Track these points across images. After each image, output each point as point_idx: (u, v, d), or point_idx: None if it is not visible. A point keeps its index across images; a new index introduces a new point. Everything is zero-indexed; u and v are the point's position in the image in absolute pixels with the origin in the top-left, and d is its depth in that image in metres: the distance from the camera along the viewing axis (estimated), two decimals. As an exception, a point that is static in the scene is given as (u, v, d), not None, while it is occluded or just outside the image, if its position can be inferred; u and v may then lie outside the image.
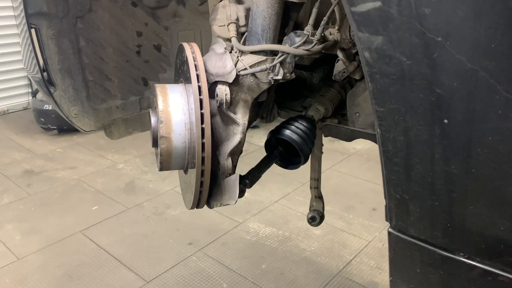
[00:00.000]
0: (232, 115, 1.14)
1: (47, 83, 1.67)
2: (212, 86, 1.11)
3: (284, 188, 3.68)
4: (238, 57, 1.13)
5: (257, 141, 4.60)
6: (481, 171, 0.70)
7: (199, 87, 1.06)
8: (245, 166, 1.35)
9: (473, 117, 0.68)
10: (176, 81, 1.26)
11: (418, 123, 0.74)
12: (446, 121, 0.70)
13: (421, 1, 0.67)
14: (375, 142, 0.92)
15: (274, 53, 1.13)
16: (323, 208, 1.74)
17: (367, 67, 0.76)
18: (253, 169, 1.28)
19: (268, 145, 1.33)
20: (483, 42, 0.64)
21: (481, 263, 0.76)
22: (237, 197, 1.15)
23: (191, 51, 1.12)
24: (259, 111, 1.43)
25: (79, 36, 1.70)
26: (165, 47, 1.95)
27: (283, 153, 1.31)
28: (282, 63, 1.11)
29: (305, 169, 1.56)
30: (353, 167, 4.09)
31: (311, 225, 1.74)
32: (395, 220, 0.85)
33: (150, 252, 2.91)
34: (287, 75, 1.13)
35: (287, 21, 1.28)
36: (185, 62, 1.12)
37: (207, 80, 1.08)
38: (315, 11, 1.06)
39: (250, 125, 1.23)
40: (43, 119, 4.88)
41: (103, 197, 3.64)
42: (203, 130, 1.06)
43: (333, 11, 1.05)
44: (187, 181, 1.21)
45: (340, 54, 1.16)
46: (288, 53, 1.09)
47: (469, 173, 0.71)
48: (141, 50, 1.89)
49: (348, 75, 1.20)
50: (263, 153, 1.34)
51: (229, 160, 1.16)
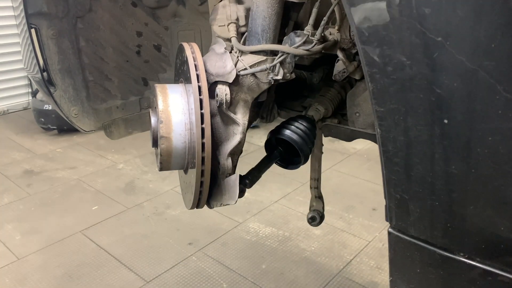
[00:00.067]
0: (232, 115, 1.14)
1: (47, 83, 1.67)
2: (212, 86, 1.11)
3: (284, 188, 3.68)
4: (238, 57, 1.13)
5: (257, 141, 4.60)
6: (481, 171, 0.70)
7: (199, 87, 1.06)
8: (245, 166, 1.35)
9: (473, 117, 0.68)
10: (176, 81, 1.26)
11: (418, 123, 0.74)
12: (446, 121, 0.70)
13: (421, 1, 0.67)
14: (375, 142, 0.92)
15: (274, 53, 1.13)
16: (323, 208, 1.74)
17: (367, 67, 0.76)
18: (253, 169, 1.28)
19: (268, 145, 1.33)
20: (483, 42, 0.64)
21: (481, 263, 0.76)
22: (237, 197, 1.15)
23: (191, 51, 1.12)
24: (259, 111, 1.43)
25: (79, 36, 1.70)
26: (165, 47, 1.95)
27: (283, 153, 1.31)
28: (282, 63, 1.11)
29: (305, 169, 1.56)
30: (353, 167, 4.09)
31: (311, 225, 1.74)
32: (395, 220, 0.85)
33: (150, 252, 2.91)
34: (287, 75, 1.13)
35: (287, 21, 1.28)
36: (185, 62, 1.12)
37: (207, 80, 1.08)
38: (315, 11, 1.06)
39: (250, 125, 1.23)
40: (43, 119, 4.89)
41: (103, 197, 3.64)
42: (203, 130, 1.06)
43: (333, 11, 1.05)
44: (187, 181, 1.21)
45: (340, 54, 1.16)
46: (288, 53, 1.09)
47: (469, 173, 0.71)
48: (141, 50, 1.89)
49: (348, 75, 1.20)
50: (263, 153, 1.34)
51: (229, 160, 1.16)
